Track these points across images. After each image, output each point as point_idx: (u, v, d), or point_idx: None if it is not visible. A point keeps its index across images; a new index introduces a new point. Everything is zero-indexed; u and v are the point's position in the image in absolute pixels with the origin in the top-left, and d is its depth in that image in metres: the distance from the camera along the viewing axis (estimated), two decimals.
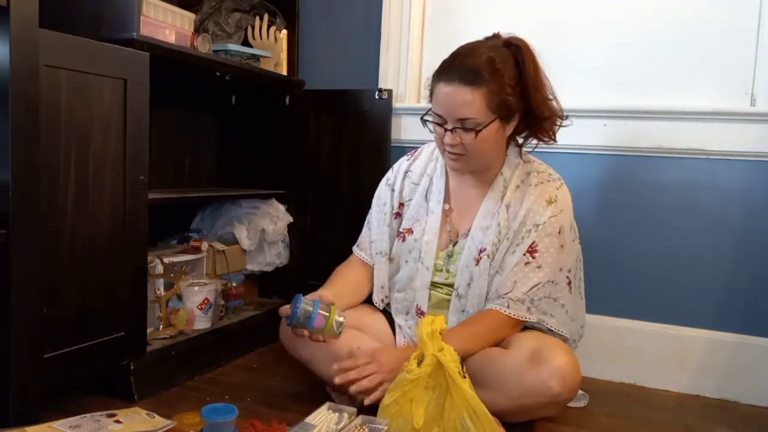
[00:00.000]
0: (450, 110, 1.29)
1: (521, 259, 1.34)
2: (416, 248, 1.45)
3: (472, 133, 1.29)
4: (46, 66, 1.13)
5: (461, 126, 1.29)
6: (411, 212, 1.49)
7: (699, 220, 1.64)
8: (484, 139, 1.30)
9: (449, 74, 1.28)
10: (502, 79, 1.27)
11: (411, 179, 1.52)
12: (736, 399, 1.60)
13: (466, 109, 1.27)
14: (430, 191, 1.48)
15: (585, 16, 1.77)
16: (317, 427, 1.16)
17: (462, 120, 1.28)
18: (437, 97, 1.31)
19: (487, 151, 1.34)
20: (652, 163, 1.68)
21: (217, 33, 1.85)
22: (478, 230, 1.39)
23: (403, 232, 1.49)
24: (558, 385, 1.20)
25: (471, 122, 1.28)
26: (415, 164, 1.53)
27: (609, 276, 1.73)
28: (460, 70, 1.27)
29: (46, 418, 1.17)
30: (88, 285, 1.27)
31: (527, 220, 1.36)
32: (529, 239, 1.35)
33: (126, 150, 1.31)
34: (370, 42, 1.99)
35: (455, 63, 1.30)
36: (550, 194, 1.38)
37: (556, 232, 1.36)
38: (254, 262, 1.94)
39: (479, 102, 1.26)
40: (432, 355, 1.12)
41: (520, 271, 1.34)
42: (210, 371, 1.62)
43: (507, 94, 1.28)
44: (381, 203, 1.54)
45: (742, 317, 1.61)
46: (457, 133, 1.30)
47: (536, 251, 1.34)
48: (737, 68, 1.62)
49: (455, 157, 1.35)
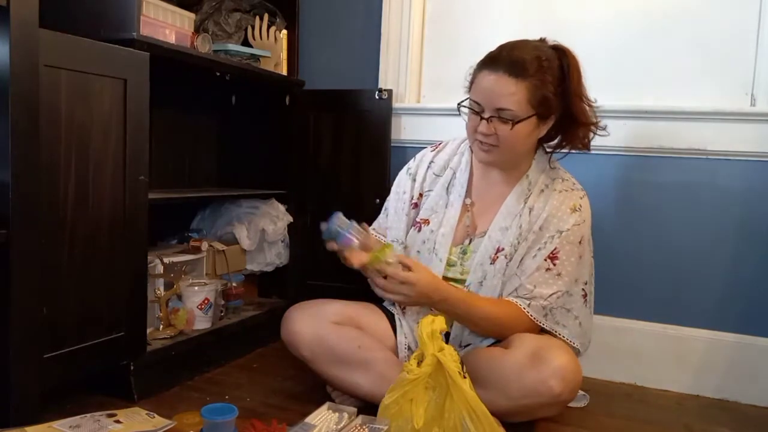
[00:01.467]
0: (490, 99, 1.29)
1: (542, 264, 1.34)
2: (431, 239, 1.44)
3: (508, 124, 1.28)
4: (46, 66, 1.13)
5: (498, 116, 1.29)
6: (430, 203, 1.48)
7: (699, 220, 1.64)
8: (518, 134, 1.29)
9: (495, 64, 1.28)
10: (545, 76, 1.28)
11: (433, 170, 1.51)
12: (736, 399, 1.60)
13: (506, 100, 1.27)
14: (452, 184, 1.48)
15: (585, 17, 1.77)
16: (317, 427, 1.16)
17: (500, 110, 1.28)
18: (479, 85, 1.31)
19: (518, 146, 1.34)
20: (652, 163, 1.68)
21: (217, 33, 1.85)
22: (497, 230, 1.39)
23: (419, 222, 1.48)
24: (558, 385, 1.20)
25: (509, 113, 1.27)
26: (439, 156, 1.53)
27: (609, 276, 1.73)
28: (507, 60, 1.27)
29: (46, 418, 1.17)
30: (88, 285, 1.27)
31: (550, 225, 1.35)
32: (551, 245, 1.34)
33: (126, 150, 1.31)
34: (370, 42, 1.99)
35: (502, 54, 1.30)
36: (574, 202, 1.37)
37: (578, 241, 1.35)
38: (254, 262, 1.94)
39: (521, 95, 1.26)
40: (432, 355, 1.12)
41: (541, 277, 1.33)
42: (210, 371, 1.62)
43: (549, 92, 1.28)
44: (401, 191, 1.53)
45: (742, 317, 1.61)
46: (493, 123, 1.29)
47: (557, 258, 1.34)
48: (737, 68, 1.62)
49: (486, 148, 1.34)
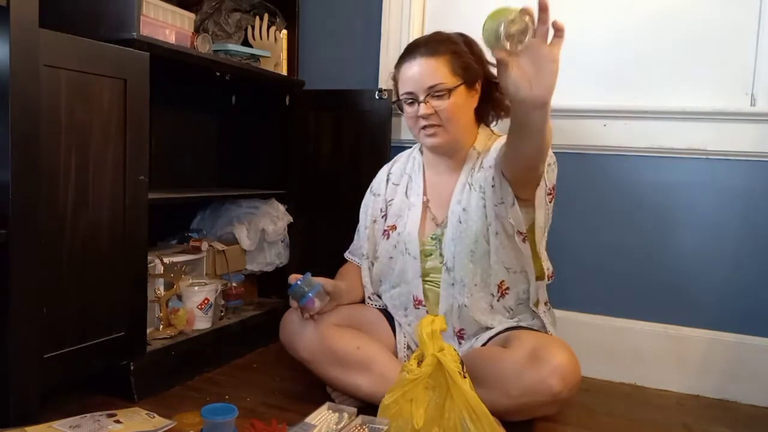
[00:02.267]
0: (419, 82, 1.38)
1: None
2: (401, 241, 1.48)
3: (443, 97, 1.37)
4: (46, 66, 1.13)
5: (431, 94, 1.37)
6: (393, 210, 1.54)
7: (699, 220, 1.64)
8: (455, 105, 1.38)
9: (412, 53, 1.40)
10: (458, 47, 1.40)
11: (392, 181, 1.58)
12: (736, 399, 1.60)
13: (434, 76, 1.36)
14: (409, 187, 1.54)
15: (585, 16, 1.76)
16: (317, 427, 1.16)
17: (432, 87, 1.37)
18: (404, 77, 1.41)
19: (459, 118, 1.41)
20: (652, 163, 1.68)
21: (217, 33, 1.85)
22: (456, 203, 1.43)
23: (387, 230, 1.53)
24: (558, 384, 1.20)
25: (441, 86, 1.36)
26: (395, 167, 1.60)
27: (609, 276, 1.73)
28: (420, 47, 1.40)
29: (46, 418, 1.17)
30: (88, 285, 1.27)
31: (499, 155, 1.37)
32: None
33: (126, 150, 1.31)
34: (370, 42, 1.99)
35: (414, 45, 1.43)
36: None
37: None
38: (254, 262, 1.94)
39: (444, 68, 1.37)
40: (432, 356, 1.12)
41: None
42: (210, 371, 1.62)
43: (468, 59, 1.40)
44: (366, 210, 1.61)
45: (742, 317, 1.61)
46: (430, 102, 1.38)
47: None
48: (737, 68, 1.62)
49: (432, 131, 1.41)
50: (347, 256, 1.65)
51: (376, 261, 1.54)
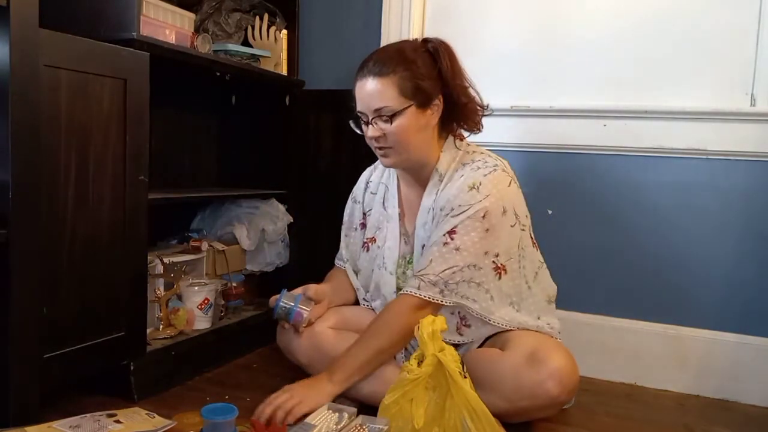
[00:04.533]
0: (366, 103, 1.33)
1: (440, 239, 1.31)
2: (379, 255, 1.47)
3: (389, 121, 1.31)
4: (46, 66, 1.13)
5: (379, 116, 1.32)
6: (372, 221, 1.53)
7: (699, 220, 1.64)
8: (402, 127, 1.31)
9: (362, 71, 1.34)
10: (413, 66, 1.31)
11: (370, 189, 1.56)
12: (736, 399, 1.60)
13: (378, 99, 1.31)
14: (386, 198, 1.51)
15: (585, 16, 1.76)
16: (317, 427, 1.16)
17: (378, 110, 1.31)
18: (356, 96, 1.36)
19: (410, 140, 1.34)
20: (652, 163, 1.68)
21: (217, 33, 1.85)
22: (420, 227, 1.40)
23: (366, 242, 1.53)
24: (555, 387, 1.20)
25: (386, 110, 1.31)
26: (374, 175, 1.58)
27: (609, 276, 1.73)
28: (370, 64, 1.33)
29: (46, 418, 1.16)
30: (88, 285, 1.27)
31: (447, 205, 1.34)
32: (445, 223, 1.32)
33: (126, 150, 1.31)
34: (370, 42, 1.98)
35: (367, 61, 1.35)
36: (474, 180, 1.33)
37: (480, 216, 1.30)
38: (254, 262, 1.94)
39: (390, 90, 1.30)
40: (432, 356, 1.12)
41: (438, 252, 1.30)
42: (210, 371, 1.62)
43: (420, 79, 1.31)
44: (347, 217, 1.60)
45: (742, 317, 1.61)
46: (378, 125, 1.33)
47: (455, 233, 1.30)
48: (737, 68, 1.62)
49: (383, 152, 1.37)
50: (337, 262, 1.64)
51: (359, 272, 1.55)
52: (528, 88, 1.82)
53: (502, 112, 1.82)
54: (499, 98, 1.83)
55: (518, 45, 1.85)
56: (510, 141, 1.81)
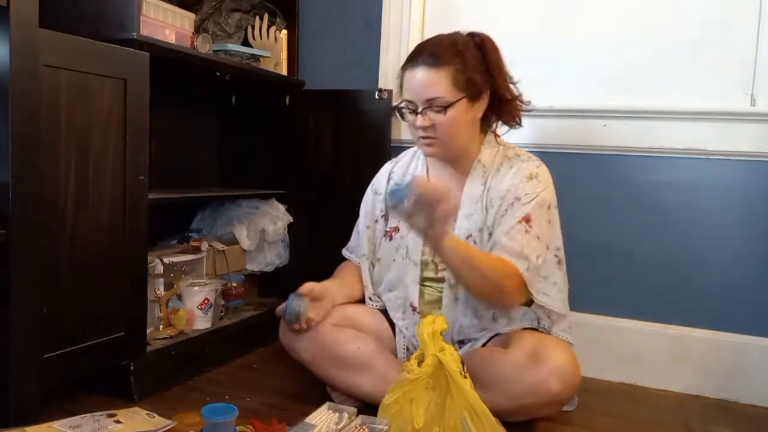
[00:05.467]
0: (418, 93, 1.33)
1: (518, 226, 1.31)
2: (403, 245, 1.46)
3: (441, 112, 1.32)
4: (46, 66, 1.13)
5: (430, 106, 1.32)
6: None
7: (699, 220, 1.64)
8: (453, 119, 1.32)
9: (414, 62, 1.34)
10: (464, 59, 1.32)
11: (394, 180, 1.55)
12: (736, 399, 1.60)
13: (432, 89, 1.31)
14: None
15: (585, 16, 1.77)
16: (317, 427, 1.16)
17: (430, 100, 1.32)
18: (406, 85, 1.36)
19: (458, 132, 1.35)
20: (652, 163, 1.68)
21: (217, 33, 1.85)
22: (464, 218, 1.39)
23: (390, 230, 1.51)
24: (557, 385, 1.20)
25: (439, 101, 1.31)
26: (398, 166, 1.57)
27: (609, 276, 1.73)
28: (424, 54, 1.33)
29: (46, 418, 1.16)
30: (88, 285, 1.27)
31: (508, 194, 1.35)
32: (516, 210, 1.32)
33: (126, 150, 1.31)
34: (370, 42, 1.99)
35: (419, 51, 1.36)
36: (530, 171, 1.37)
37: (546, 206, 1.35)
38: (254, 262, 1.94)
39: (444, 81, 1.30)
40: (433, 356, 1.12)
41: (523, 238, 1.30)
42: (210, 371, 1.62)
43: (472, 72, 1.33)
44: (367, 208, 1.58)
45: (742, 317, 1.61)
46: (428, 115, 1.33)
47: (531, 221, 1.31)
48: (737, 68, 1.62)
49: (429, 141, 1.37)
50: (345, 253, 1.63)
51: (377, 262, 1.53)
52: (528, 88, 1.81)
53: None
54: None
55: (518, 45, 1.84)
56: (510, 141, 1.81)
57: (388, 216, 1.53)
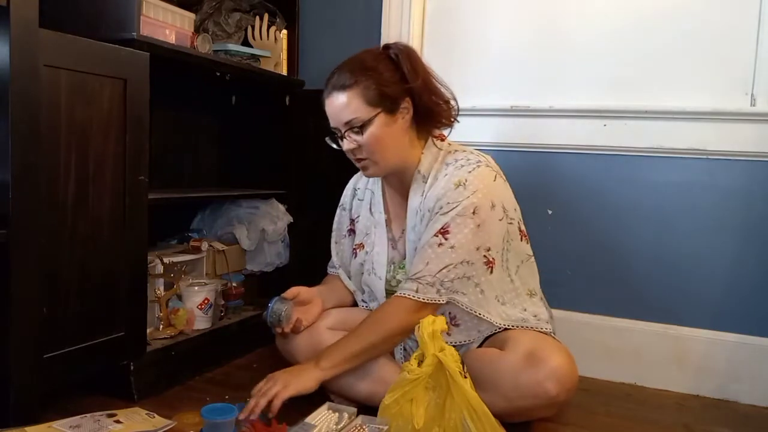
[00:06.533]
0: (336, 118, 1.34)
1: (434, 240, 1.31)
2: (369, 260, 1.47)
3: (359, 132, 1.32)
4: (46, 66, 1.13)
5: (350, 128, 1.32)
6: (360, 228, 1.53)
7: (699, 220, 1.64)
8: (374, 135, 1.32)
9: (327, 88, 1.35)
10: (375, 74, 1.32)
11: (357, 196, 1.57)
12: (736, 399, 1.60)
13: (346, 112, 1.31)
14: (373, 204, 1.51)
15: (585, 16, 1.76)
16: (317, 427, 1.16)
17: (348, 122, 1.32)
18: (327, 112, 1.36)
19: (386, 147, 1.34)
20: (652, 163, 1.68)
21: (217, 33, 1.85)
22: (410, 231, 1.40)
23: (355, 248, 1.53)
24: (554, 387, 1.20)
25: (355, 121, 1.31)
26: (361, 181, 1.58)
27: (609, 276, 1.73)
28: (333, 80, 1.35)
29: (46, 418, 1.17)
30: (88, 285, 1.27)
31: (435, 205, 1.34)
32: (435, 222, 1.32)
33: (126, 150, 1.31)
34: (370, 42, 1.98)
35: (329, 77, 1.36)
36: (460, 178, 1.34)
37: (470, 212, 1.31)
38: (254, 262, 1.94)
39: (355, 101, 1.30)
40: (433, 356, 1.12)
41: (433, 252, 1.30)
42: (210, 371, 1.62)
43: (383, 85, 1.32)
44: (335, 225, 1.60)
45: (742, 317, 1.61)
46: (351, 137, 1.33)
47: (448, 232, 1.30)
48: (737, 68, 1.62)
49: (362, 164, 1.37)
50: (328, 269, 1.62)
51: (352, 278, 1.55)
52: (528, 88, 1.82)
53: (502, 112, 1.82)
54: (499, 98, 1.84)
55: (518, 45, 1.85)
56: (510, 141, 1.81)
57: (354, 231, 1.55)
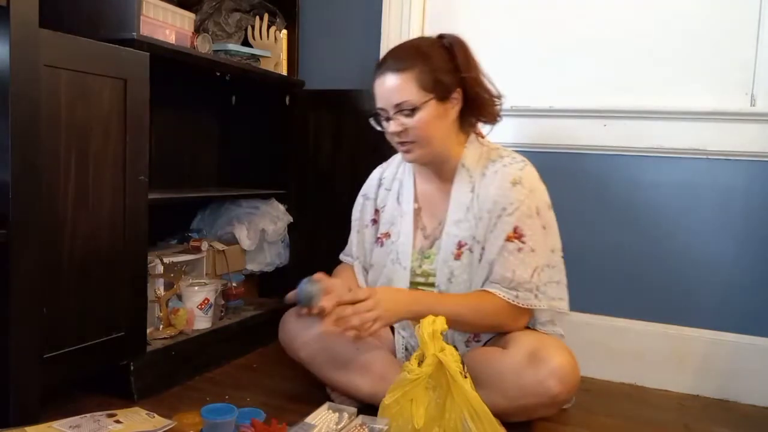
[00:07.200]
0: (386, 99, 1.34)
1: (509, 245, 1.32)
2: (393, 250, 1.46)
3: (410, 115, 1.32)
4: (46, 66, 1.13)
5: (400, 111, 1.32)
6: (386, 217, 1.52)
7: (699, 220, 1.64)
8: (423, 120, 1.32)
9: (381, 68, 1.35)
10: (430, 60, 1.33)
11: (384, 186, 1.56)
12: (736, 399, 1.60)
13: (398, 94, 1.31)
14: (401, 194, 1.51)
15: (585, 17, 1.77)
16: (317, 427, 1.16)
17: (398, 105, 1.32)
18: (376, 92, 1.36)
19: (432, 134, 1.35)
20: (652, 163, 1.68)
21: (217, 33, 1.85)
22: (453, 224, 1.39)
23: (381, 237, 1.52)
24: (556, 386, 1.20)
25: (407, 104, 1.31)
26: (388, 171, 1.57)
27: (609, 276, 1.73)
28: (388, 61, 1.35)
29: (46, 418, 1.16)
30: (88, 285, 1.27)
31: (495, 205, 1.34)
32: (503, 224, 1.33)
33: (126, 150, 1.31)
34: (370, 42, 1.99)
35: (385, 58, 1.38)
36: (513, 176, 1.35)
37: (534, 213, 1.34)
38: (254, 262, 1.94)
39: (410, 84, 1.31)
40: (433, 355, 1.12)
41: (516, 258, 1.31)
42: (210, 371, 1.62)
43: (438, 72, 1.32)
44: (356, 213, 1.59)
45: (742, 317, 1.61)
46: (398, 119, 1.33)
47: (523, 235, 1.32)
48: (737, 68, 1.62)
49: (405, 147, 1.37)
50: (341, 257, 1.63)
51: (371, 268, 1.53)
52: (528, 88, 1.82)
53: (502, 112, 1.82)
54: None
55: (518, 45, 1.85)
56: (510, 141, 1.81)
57: (378, 221, 1.54)
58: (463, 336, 1.40)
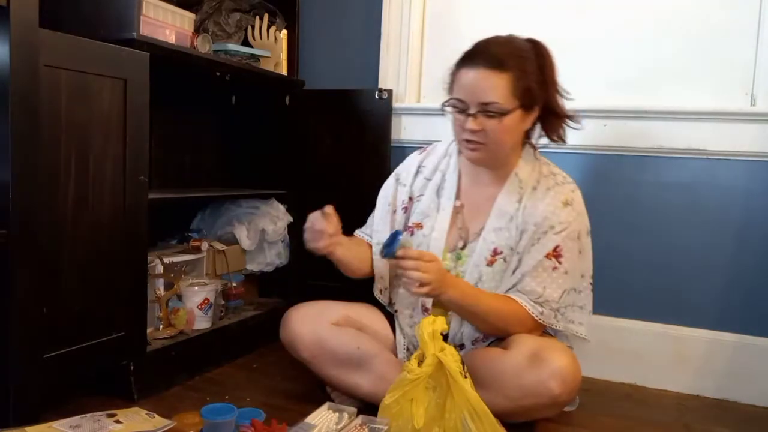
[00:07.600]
0: (474, 94, 1.27)
1: (546, 262, 1.31)
2: (424, 243, 1.42)
3: (495, 118, 1.27)
4: (46, 66, 1.13)
5: (484, 111, 1.27)
6: (421, 207, 1.46)
7: (699, 220, 1.64)
8: (505, 128, 1.28)
9: (474, 60, 1.28)
10: (525, 67, 1.28)
11: (423, 174, 1.49)
12: (736, 399, 1.60)
13: (491, 94, 1.25)
14: (442, 187, 1.46)
15: (585, 17, 1.77)
16: (317, 427, 1.16)
17: (485, 104, 1.26)
18: (460, 82, 1.29)
19: (506, 141, 1.32)
20: (652, 163, 1.68)
21: (217, 33, 1.85)
22: (491, 231, 1.37)
23: (412, 226, 1.46)
24: (558, 386, 1.20)
25: (495, 107, 1.26)
26: (429, 160, 1.51)
27: (609, 276, 1.73)
28: (486, 55, 1.27)
29: (46, 418, 1.16)
30: (88, 285, 1.27)
31: (545, 222, 1.33)
32: (547, 240, 1.32)
33: (126, 150, 1.31)
34: (370, 42, 1.99)
35: (480, 49, 1.30)
36: (566, 197, 1.35)
37: (575, 236, 1.34)
38: (254, 262, 1.94)
39: (504, 87, 1.25)
40: (433, 355, 1.12)
41: (549, 277, 1.31)
42: (210, 371, 1.62)
43: (531, 82, 1.28)
44: (389, 198, 1.52)
45: (742, 317, 1.61)
46: (480, 119, 1.27)
47: (561, 256, 1.32)
48: (737, 68, 1.62)
49: (474, 146, 1.31)
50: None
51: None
52: None
53: None
54: None
55: None
56: None
57: (409, 209, 1.49)
58: (472, 335, 1.39)
